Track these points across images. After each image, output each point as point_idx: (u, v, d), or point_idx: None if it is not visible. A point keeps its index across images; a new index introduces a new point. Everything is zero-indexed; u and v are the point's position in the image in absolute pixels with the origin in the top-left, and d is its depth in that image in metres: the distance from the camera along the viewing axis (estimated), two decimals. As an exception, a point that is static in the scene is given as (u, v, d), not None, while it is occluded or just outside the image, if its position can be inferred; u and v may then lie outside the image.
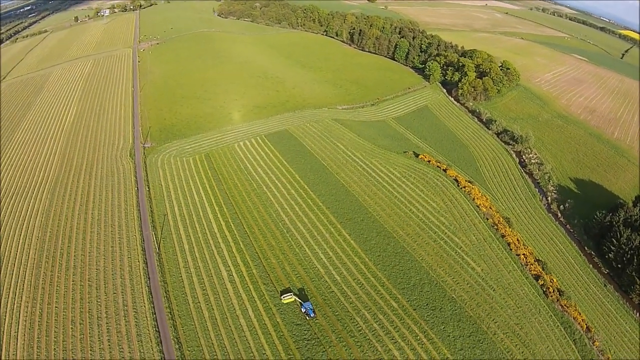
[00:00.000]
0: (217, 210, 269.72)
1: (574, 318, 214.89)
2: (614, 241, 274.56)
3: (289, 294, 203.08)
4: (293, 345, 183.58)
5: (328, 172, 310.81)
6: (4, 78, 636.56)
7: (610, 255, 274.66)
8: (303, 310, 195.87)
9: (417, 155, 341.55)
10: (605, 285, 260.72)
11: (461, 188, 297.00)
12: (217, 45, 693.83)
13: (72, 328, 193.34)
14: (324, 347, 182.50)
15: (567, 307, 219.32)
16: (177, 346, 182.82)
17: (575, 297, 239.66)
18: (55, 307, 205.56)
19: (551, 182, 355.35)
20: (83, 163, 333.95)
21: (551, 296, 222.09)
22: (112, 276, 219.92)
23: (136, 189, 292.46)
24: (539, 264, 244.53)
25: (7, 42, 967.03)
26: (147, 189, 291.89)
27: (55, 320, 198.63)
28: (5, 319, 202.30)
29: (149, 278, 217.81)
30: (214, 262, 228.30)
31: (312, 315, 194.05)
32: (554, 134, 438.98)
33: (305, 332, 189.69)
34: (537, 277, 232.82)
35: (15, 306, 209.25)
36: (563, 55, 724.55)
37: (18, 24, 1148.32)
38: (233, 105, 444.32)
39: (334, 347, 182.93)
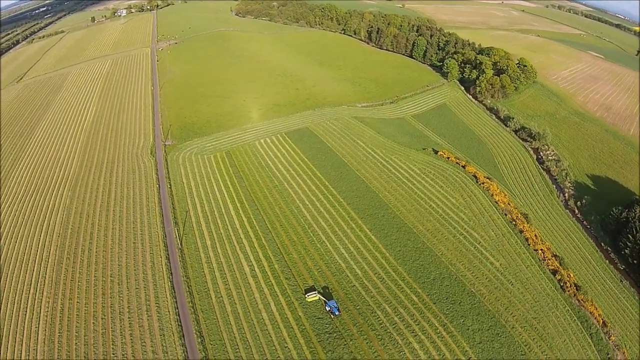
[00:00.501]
0: (238, 207, 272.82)
1: (590, 313, 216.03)
2: (630, 237, 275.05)
3: (313, 292, 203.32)
4: (315, 338, 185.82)
5: (348, 168, 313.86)
6: (20, 78, 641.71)
7: (626, 251, 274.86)
8: (327, 308, 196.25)
9: (436, 152, 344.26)
10: (621, 281, 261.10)
11: (480, 184, 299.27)
12: (235, 45, 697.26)
13: (93, 323, 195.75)
14: (346, 341, 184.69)
15: (584, 301, 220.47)
16: (199, 340, 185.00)
17: (592, 292, 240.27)
18: (77, 302, 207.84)
19: (568, 178, 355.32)
20: (104, 161, 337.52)
21: (568, 291, 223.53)
22: (135, 272, 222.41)
23: (158, 186, 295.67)
24: (556, 259, 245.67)
25: (24, 42, 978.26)
26: (169, 186, 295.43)
27: (77, 315, 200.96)
28: (26, 315, 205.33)
29: (171, 273, 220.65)
30: (236, 257, 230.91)
31: (336, 313, 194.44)
32: (571, 131, 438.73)
33: (327, 325, 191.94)
34: (554, 272, 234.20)
35: (35, 302, 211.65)
36: (579, 52, 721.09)
37: (34, 25, 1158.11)
38: (253, 103, 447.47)
39: (356, 340, 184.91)
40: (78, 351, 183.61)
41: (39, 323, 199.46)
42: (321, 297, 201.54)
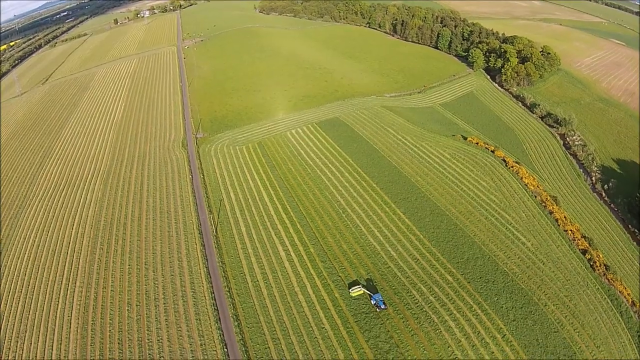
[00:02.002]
0: (272, 194, 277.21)
1: (619, 292, 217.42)
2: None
3: (357, 286, 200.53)
4: (352, 319, 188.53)
5: (380, 155, 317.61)
6: (46, 80, 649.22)
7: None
8: (373, 302, 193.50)
9: (465, 139, 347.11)
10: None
11: (509, 168, 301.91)
12: (262, 40, 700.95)
13: (128, 310, 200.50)
14: (382, 320, 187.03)
15: (613, 281, 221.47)
16: (236, 323, 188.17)
17: (620, 272, 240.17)
18: (111, 290, 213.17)
19: (595, 162, 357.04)
20: (135, 154, 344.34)
21: (598, 270, 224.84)
22: (170, 259, 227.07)
23: (190, 177, 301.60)
24: (585, 240, 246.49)
25: (46, 46, 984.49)
26: (202, 177, 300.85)
27: (111, 303, 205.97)
28: (58, 305, 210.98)
29: (206, 260, 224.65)
30: (272, 242, 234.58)
31: (382, 307, 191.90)
32: (596, 117, 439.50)
33: (364, 305, 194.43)
34: (584, 252, 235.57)
35: (68, 292, 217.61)
36: (601, 40, 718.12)
37: (56, 29, 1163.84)
38: (283, 95, 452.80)
39: (392, 320, 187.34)
40: (112, 337, 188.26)
41: (71, 312, 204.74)
42: (366, 290, 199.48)
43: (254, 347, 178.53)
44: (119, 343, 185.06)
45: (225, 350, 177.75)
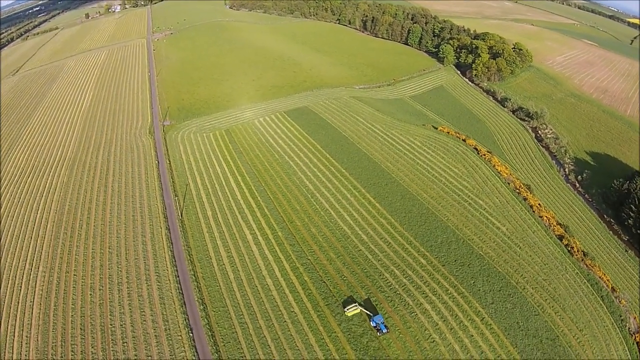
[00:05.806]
0: (239, 180, 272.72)
1: (599, 277, 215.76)
2: (633, 208, 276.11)
3: (354, 305, 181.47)
4: (322, 302, 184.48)
5: (349, 142, 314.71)
6: (16, 71, 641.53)
7: (629, 221, 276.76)
8: (373, 324, 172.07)
9: (436, 128, 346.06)
10: (626, 251, 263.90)
11: (481, 156, 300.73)
12: (232, 34, 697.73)
13: (90, 294, 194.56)
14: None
15: (592, 267, 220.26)
16: (201, 307, 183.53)
17: (598, 260, 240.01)
18: (74, 275, 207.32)
19: (568, 155, 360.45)
20: (102, 141, 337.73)
21: (576, 255, 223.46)
22: (134, 243, 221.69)
23: (157, 162, 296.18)
24: (561, 227, 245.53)
25: (18, 40, 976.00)
26: (168, 162, 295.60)
27: (74, 287, 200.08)
28: (20, 290, 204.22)
29: (171, 243, 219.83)
30: (238, 226, 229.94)
31: (384, 330, 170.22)
32: (568, 111, 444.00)
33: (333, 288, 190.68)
34: (560, 238, 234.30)
35: (31, 277, 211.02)
36: (573, 40, 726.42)
37: (28, 23, 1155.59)
38: (251, 85, 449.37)
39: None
40: (74, 323, 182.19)
41: (34, 297, 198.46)
42: (363, 309, 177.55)
43: (220, 331, 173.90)
44: (81, 328, 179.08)
45: (191, 335, 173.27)
